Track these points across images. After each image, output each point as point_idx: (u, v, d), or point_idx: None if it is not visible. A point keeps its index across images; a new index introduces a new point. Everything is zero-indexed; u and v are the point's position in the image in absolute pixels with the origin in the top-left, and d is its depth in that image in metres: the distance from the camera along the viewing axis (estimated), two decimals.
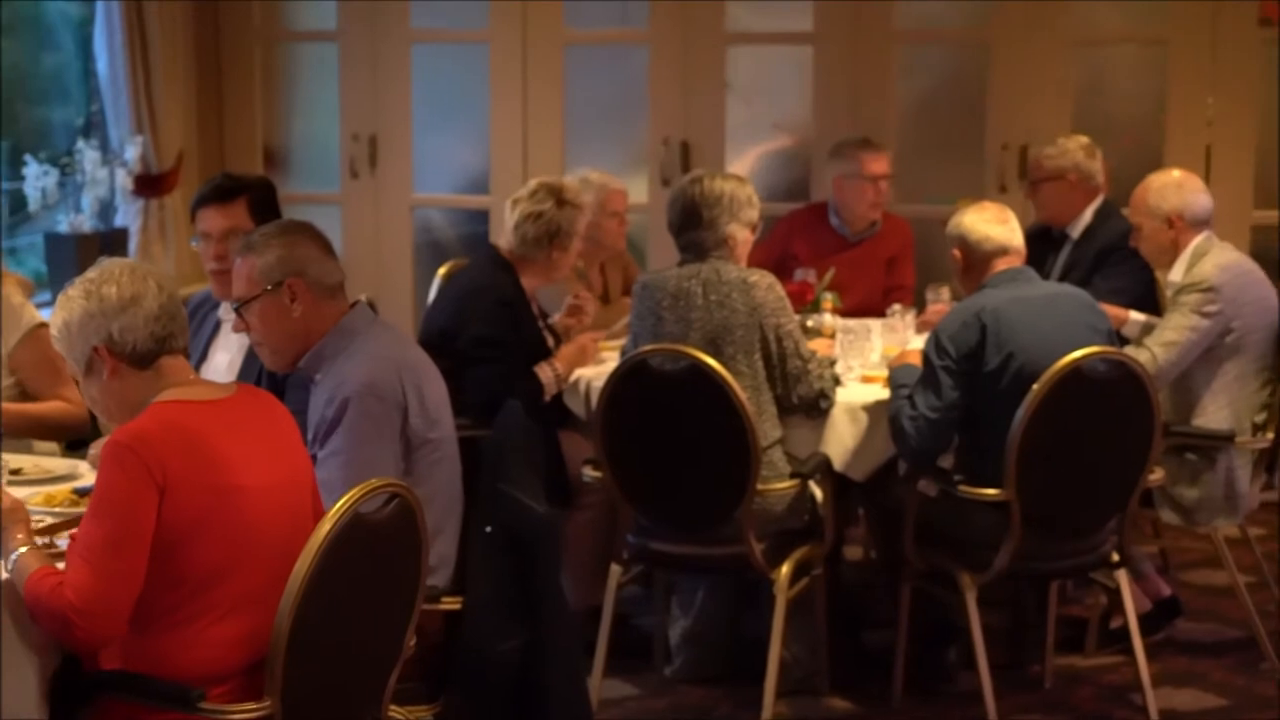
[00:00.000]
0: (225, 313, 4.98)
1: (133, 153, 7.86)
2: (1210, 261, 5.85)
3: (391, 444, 4.20)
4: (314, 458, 4.06)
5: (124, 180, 7.89)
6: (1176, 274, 5.91)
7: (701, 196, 5.40)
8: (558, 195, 5.90)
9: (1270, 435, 5.85)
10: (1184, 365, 5.79)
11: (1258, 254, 6.78)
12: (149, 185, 7.99)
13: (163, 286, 3.64)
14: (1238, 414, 5.83)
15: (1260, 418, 5.86)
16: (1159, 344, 5.76)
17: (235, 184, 5.02)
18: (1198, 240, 5.92)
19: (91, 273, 3.65)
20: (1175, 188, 5.98)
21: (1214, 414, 5.82)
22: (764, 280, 5.34)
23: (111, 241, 7.59)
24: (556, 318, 6.18)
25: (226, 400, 3.64)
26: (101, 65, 7.90)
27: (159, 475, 3.40)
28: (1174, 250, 5.95)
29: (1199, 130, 7.90)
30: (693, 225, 5.40)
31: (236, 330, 4.41)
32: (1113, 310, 5.76)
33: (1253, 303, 5.84)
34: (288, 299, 4.23)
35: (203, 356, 5.02)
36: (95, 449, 4.48)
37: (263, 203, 5.00)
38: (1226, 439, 5.77)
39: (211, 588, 3.47)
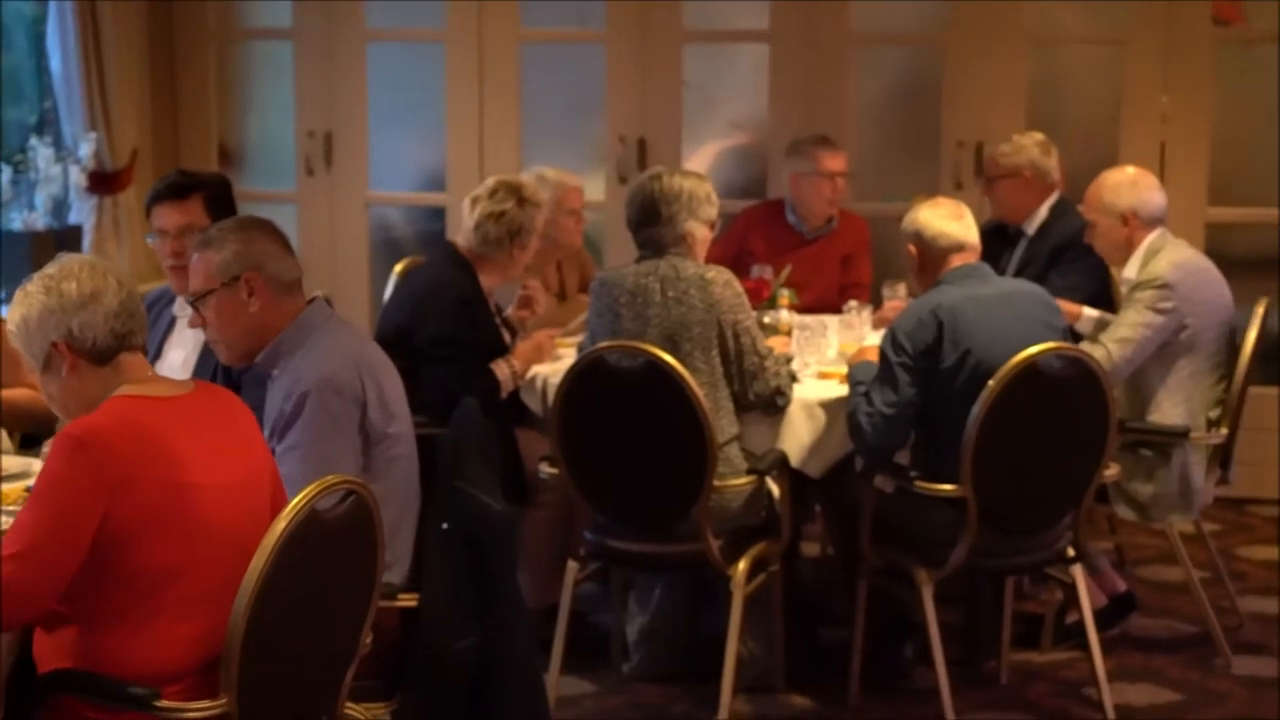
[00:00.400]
0: (180, 309, 4.97)
1: (87, 150, 7.83)
2: (1165, 259, 5.87)
3: (350, 439, 4.20)
4: (276, 456, 4.06)
5: (78, 177, 7.86)
6: (1131, 271, 5.94)
7: (660, 193, 5.40)
8: (519, 194, 5.89)
9: (1224, 431, 5.88)
10: (1139, 362, 5.82)
11: (1212, 251, 6.83)
12: (103, 182, 7.96)
13: (122, 283, 3.62)
14: (1192, 410, 5.86)
15: (1214, 413, 5.89)
16: (1114, 340, 5.78)
17: (191, 181, 5.01)
18: (1152, 237, 5.95)
19: (51, 268, 3.63)
20: (1130, 185, 6.00)
21: (1169, 410, 5.85)
22: (721, 276, 5.34)
23: (65, 239, 7.56)
24: (509, 310, 6.17)
25: (185, 397, 3.62)
26: (55, 63, 7.86)
27: (110, 471, 3.38)
28: (1128, 247, 5.97)
29: (1154, 128, 7.93)
30: (651, 222, 5.40)
31: (193, 325, 4.40)
32: (1066, 306, 5.78)
33: (1207, 300, 5.87)
34: (244, 294, 4.23)
35: (157, 353, 5.00)
36: (48, 447, 4.45)
37: (219, 200, 4.98)
38: (1181, 435, 5.79)
39: (166, 586, 3.45)
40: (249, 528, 3.52)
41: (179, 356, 4.99)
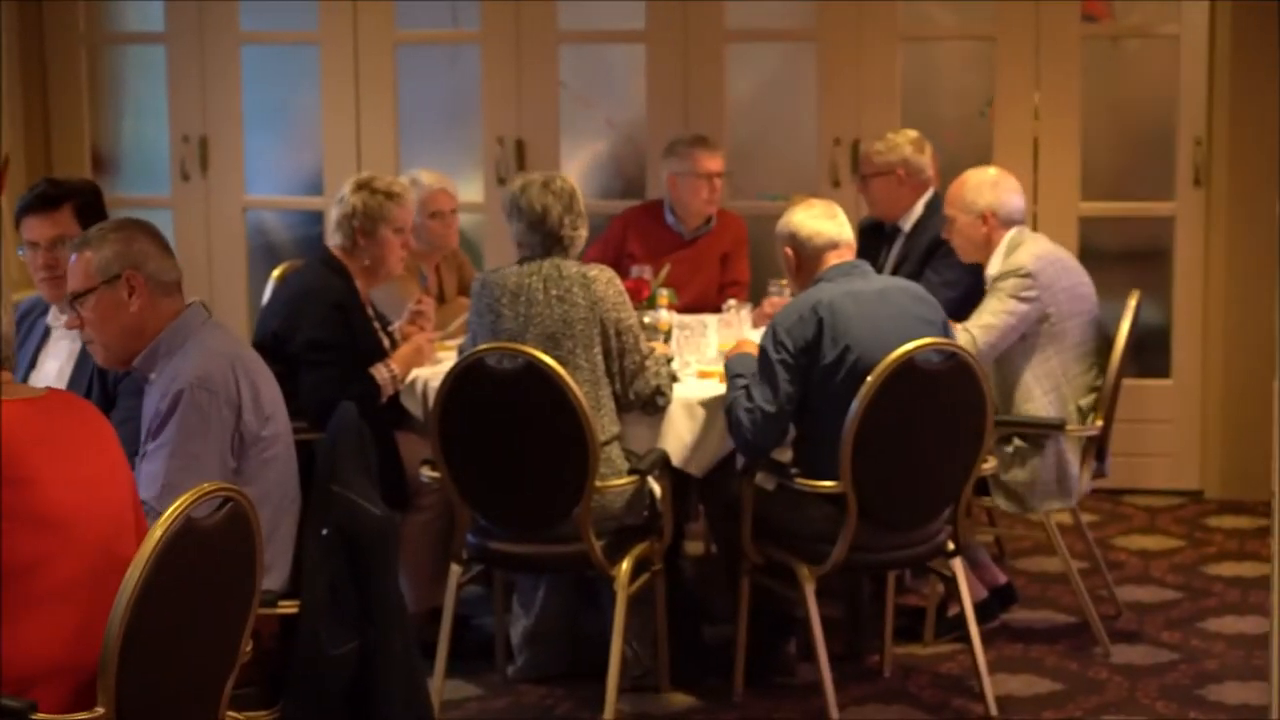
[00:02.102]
0: (54, 319, 4.92)
1: None
2: (1025, 250, 5.97)
3: (219, 439, 4.18)
4: (146, 454, 4.03)
5: None
6: (994, 267, 6.03)
7: (559, 195, 5.40)
8: (359, 182, 5.87)
9: (1099, 423, 5.94)
10: (1002, 348, 5.89)
11: (1085, 244, 6.91)
12: None
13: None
14: (1062, 399, 5.92)
15: (1085, 402, 5.95)
16: (977, 326, 5.87)
17: (59, 190, 4.95)
18: (1011, 233, 6.05)
19: None
20: (990, 185, 6.10)
21: (1039, 400, 5.91)
22: (604, 275, 5.36)
23: None
24: (398, 325, 6.10)
25: (36, 400, 3.57)
26: None
27: None
28: (986, 246, 6.07)
29: (1026, 124, 8.00)
30: (556, 225, 5.38)
31: (70, 326, 4.36)
32: None
33: (1067, 289, 5.96)
34: (125, 293, 4.22)
35: (31, 364, 4.94)
36: None
37: (89, 208, 4.93)
38: (1056, 427, 5.85)
39: (27, 580, 3.39)
40: (109, 522, 3.51)
41: (54, 367, 4.93)
